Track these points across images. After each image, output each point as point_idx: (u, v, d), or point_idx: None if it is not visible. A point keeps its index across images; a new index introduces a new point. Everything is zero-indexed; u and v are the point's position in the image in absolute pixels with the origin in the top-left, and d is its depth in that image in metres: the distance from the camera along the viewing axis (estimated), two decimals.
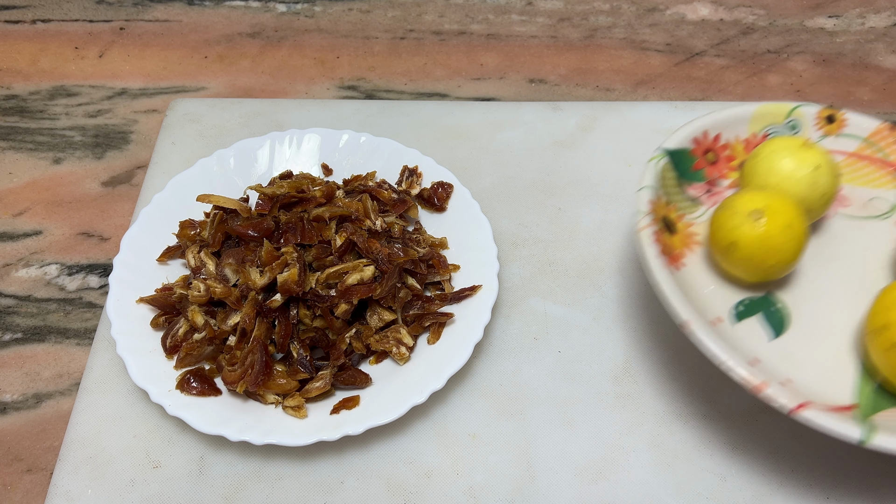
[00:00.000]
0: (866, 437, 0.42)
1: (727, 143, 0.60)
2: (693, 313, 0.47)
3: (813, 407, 0.43)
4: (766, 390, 0.44)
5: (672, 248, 0.53)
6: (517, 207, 0.65)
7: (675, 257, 0.53)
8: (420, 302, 0.56)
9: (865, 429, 0.42)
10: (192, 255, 0.57)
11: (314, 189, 0.59)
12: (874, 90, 0.77)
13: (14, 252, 0.65)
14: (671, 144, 0.57)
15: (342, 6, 0.85)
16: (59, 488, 0.51)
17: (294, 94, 0.77)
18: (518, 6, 0.85)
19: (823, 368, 0.49)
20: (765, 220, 0.50)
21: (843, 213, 0.59)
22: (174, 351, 0.54)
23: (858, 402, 0.47)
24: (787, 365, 0.49)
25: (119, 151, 0.72)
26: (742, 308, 0.53)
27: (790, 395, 0.44)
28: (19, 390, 0.57)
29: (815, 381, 0.48)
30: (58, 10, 0.85)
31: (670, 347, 0.57)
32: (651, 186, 0.54)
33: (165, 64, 0.80)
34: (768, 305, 0.53)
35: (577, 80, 0.78)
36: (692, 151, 0.58)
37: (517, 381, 0.56)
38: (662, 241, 0.52)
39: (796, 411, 0.43)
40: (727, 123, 0.60)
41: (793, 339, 0.51)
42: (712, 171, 0.59)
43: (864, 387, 0.48)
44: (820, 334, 0.52)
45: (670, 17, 0.84)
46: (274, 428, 0.50)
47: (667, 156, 0.56)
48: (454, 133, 0.71)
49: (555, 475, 0.51)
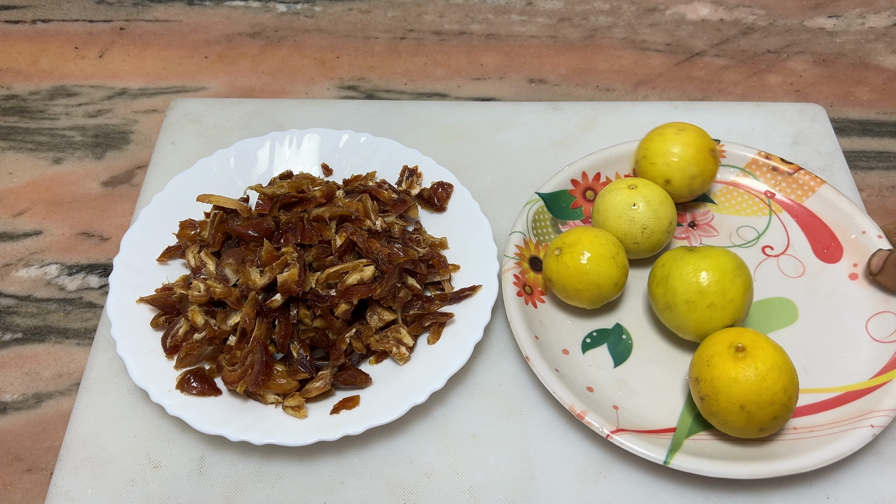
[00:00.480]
0: (667, 459, 0.48)
1: (608, 179, 0.64)
2: (534, 350, 0.53)
3: (624, 433, 0.49)
4: (587, 417, 0.50)
5: (535, 286, 0.59)
6: (517, 207, 0.65)
7: (538, 293, 0.59)
8: (420, 302, 0.56)
9: (669, 452, 0.48)
10: (192, 255, 0.57)
11: (314, 189, 0.59)
12: (874, 90, 0.77)
13: (14, 252, 0.65)
14: (547, 189, 0.63)
15: (342, 6, 0.85)
16: (59, 488, 0.51)
17: (294, 94, 0.77)
18: (518, 6, 0.85)
19: (653, 395, 0.54)
20: (560, 254, 0.55)
21: (708, 242, 0.62)
22: (174, 351, 0.54)
23: (677, 426, 0.52)
24: (621, 391, 0.54)
25: (119, 151, 0.72)
26: (590, 340, 0.57)
27: (605, 422, 0.50)
28: (19, 390, 0.57)
29: (644, 405, 0.53)
30: (58, 10, 0.85)
31: None
32: (521, 231, 0.60)
33: (165, 64, 0.80)
34: (615, 336, 0.57)
35: (577, 80, 0.78)
36: (570, 192, 0.64)
37: (517, 381, 0.56)
38: (526, 281, 0.58)
39: (610, 436, 0.49)
40: (607, 163, 0.64)
41: (631, 368, 0.55)
42: (589, 206, 0.64)
43: (687, 413, 0.53)
44: (657, 363, 0.56)
45: (670, 17, 0.84)
46: (274, 428, 0.50)
47: (541, 200, 0.62)
48: (454, 133, 0.71)
49: (555, 475, 0.51)
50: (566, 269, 0.54)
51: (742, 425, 0.48)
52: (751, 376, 0.47)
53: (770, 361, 0.47)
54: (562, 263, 0.55)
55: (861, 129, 0.74)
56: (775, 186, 0.64)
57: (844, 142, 0.73)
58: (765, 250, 0.61)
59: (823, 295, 0.58)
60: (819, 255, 0.60)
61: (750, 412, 0.47)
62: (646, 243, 0.57)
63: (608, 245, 0.55)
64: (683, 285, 0.52)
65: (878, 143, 0.73)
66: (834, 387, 0.53)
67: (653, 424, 0.52)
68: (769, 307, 0.58)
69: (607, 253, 0.54)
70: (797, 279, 0.59)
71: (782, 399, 0.47)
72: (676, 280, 0.52)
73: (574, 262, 0.54)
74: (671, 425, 0.52)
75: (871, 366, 0.54)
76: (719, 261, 0.52)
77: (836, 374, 0.54)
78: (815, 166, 0.68)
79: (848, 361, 0.55)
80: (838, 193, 0.61)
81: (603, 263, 0.54)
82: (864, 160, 0.72)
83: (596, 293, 0.55)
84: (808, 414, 0.52)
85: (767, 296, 0.58)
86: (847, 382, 0.53)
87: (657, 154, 0.60)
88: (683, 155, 0.59)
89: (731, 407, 0.47)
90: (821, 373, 0.54)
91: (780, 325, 0.57)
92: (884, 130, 0.74)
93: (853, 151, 0.72)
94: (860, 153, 0.72)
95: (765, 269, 0.60)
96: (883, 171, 0.71)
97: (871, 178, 0.70)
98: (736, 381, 0.47)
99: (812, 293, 0.58)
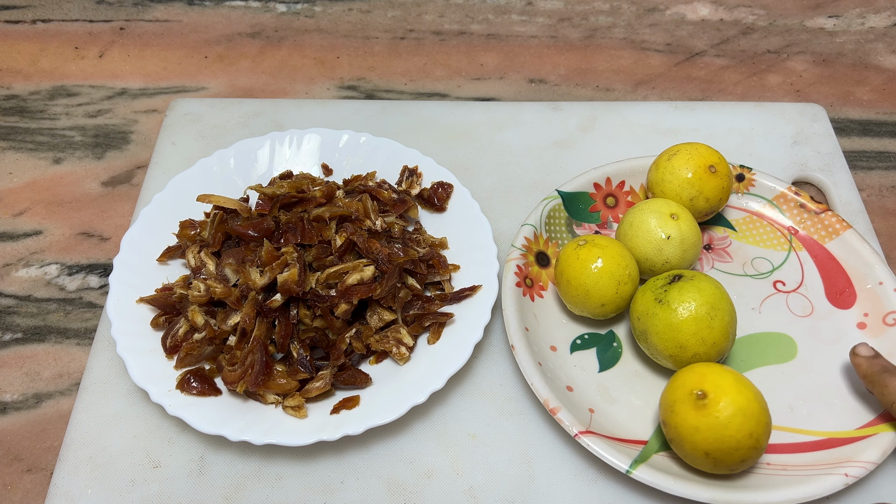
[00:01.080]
0: (631, 468, 0.48)
1: (631, 189, 0.64)
2: (522, 340, 0.53)
3: (593, 436, 0.50)
4: (558, 414, 0.50)
5: (538, 280, 0.59)
6: (517, 207, 0.65)
7: (539, 287, 0.59)
8: (420, 302, 0.56)
9: (634, 462, 0.49)
10: (192, 255, 0.57)
11: (314, 189, 0.59)
12: (874, 90, 0.77)
13: (14, 252, 0.65)
14: (568, 188, 0.63)
15: (342, 6, 0.85)
16: (59, 488, 0.51)
17: (294, 94, 0.77)
18: (518, 6, 0.85)
19: (632, 406, 0.54)
20: (585, 245, 0.54)
21: (721, 268, 0.61)
22: (174, 351, 0.54)
23: (649, 440, 0.52)
24: (601, 396, 0.54)
25: (119, 151, 0.72)
26: (580, 341, 0.57)
27: (576, 421, 0.50)
28: (19, 390, 0.57)
29: (621, 414, 0.53)
30: (58, 10, 0.85)
31: None
32: (532, 225, 0.60)
33: (165, 64, 0.80)
34: (606, 343, 0.57)
35: (577, 80, 0.78)
36: (591, 195, 0.63)
37: (517, 381, 0.56)
38: (528, 273, 0.58)
39: (578, 436, 0.49)
40: (633, 172, 0.64)
41: (615, 376, 0.55)
42: (608, 213, 0.64)
43: (661, 430, 0.51)
44: (642, 377, 0.55)
45: (670, 17, 0.84)
46: (274, 428, 0.50)
47: (559, 197, 0.62)
48: (454, 133, 0.71)
49: (555, 475, 0.51)
50: (581, 266, 0.54)
51: (710, 468, 0.48)
52: (713, 424, 0.46)
53: (733, 408, 0.46)
54: (585, 264, 0.54)
55: (861, 129, 0.74)
56: (800, 223, 0.62)
57: (844, 142, 0.73)
58: (776, 285, 0.60)
59: (827, 338, 0.57)
60: (831, 298, 0.59)
61: (716, 458, 0.46)
62: (659, 270, 0.56)
63: (633, 269, 0.55)
64: (663, 343, 0.51)
65: (878, 143, 0.73)
66: (817, 430, 0.52)
67: (625, 434, 0.52)
68: (768, 341, 0.57)
69: (627, 276, 0.54)
70: (803, 318, 0.58)
71: (748, 443, 0.46)
72: (654, 338, 0.52)
73: (591, 263, 0.54)
74: (643, 438, 0.52)
75: (859, 416, 0.52)
76: (694, 306, 0.50)
77: (823, 419, 0.53)
78: (815, 166, 0.68)
79: (837, 408, 0.53)
80: (862, 240, 0.59)
81: (620, 284, 0.54)
82: (864, 160, 0.72)
83: (597, 304, 0.54)
84: (784, 452, 0.51)
85: (769, 329, 0.57)
86: (832, 428, 0.52)
87: (655, 184, 0.60)
88: (676, 181, 0.58)
89: (697, 454, 0.47)
90: (807, 414, 0.53)
91: (776, 360, 0.56)
92: (884, 130, 0.74)
93: (853, 151, 0.72)
94: (860, 153, 0.72)
95: (772, 302, 0.59)
96: (883, 171, 0.71)
97: (871, 178, 0.70)
98: (698, 429, 0.46)
99: (815, 334, 0.57)
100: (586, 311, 0.55)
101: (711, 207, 0.59)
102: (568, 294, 0.55)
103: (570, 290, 0.55)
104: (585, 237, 0.56)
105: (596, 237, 0.56)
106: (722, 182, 0.59)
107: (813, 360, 0.56)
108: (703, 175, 0.58)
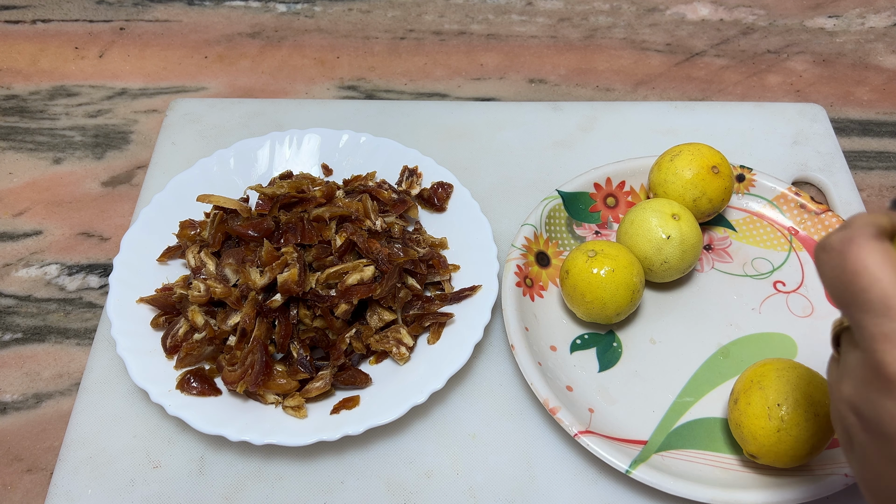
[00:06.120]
0: (630, 468, 0.49)
1: (632, 189, 0.64)
2: (521, 340, 0.54)
3: (592, 436, 0.50)
4: (558, 414, 0.50)
5: (538, 280, 0.59)
6: (517, 207, 0.65)
7: (539, 287, 0.59)
8: (420, 302, 0.56)
9: (634, 462, 0.49)
10: (192, 255, 0.57)
11: (314, 189, 0.59)
12: (874, 90, 0.77)
13: (14, 252, 0.65)
14: (568, 188, 0.63)
15: (342, 6, 0.85)
16: (59, 488, 0.51)
17: (294, 94, 0.77)
18: (518, 6, 0.85)
19: (632, 406, 0.54)
20: (595, 257, 0.54)
21: (721, 268, 0.61)
22: (174, 351, 0.54)
23: (648, 440, 0.52)
24: (601, 396, 0.54)
25: (119, 151, 0.72)
26: (580, 341, 0.57)
27: (576, 421, 0.50)
28: (19, 390, 0.57)
29: (621, 414, 0.53)
30: (58, 10, 0.85)
31: None
32: (532, 225, 0.60)
33: (165, 64, 0.80)
34: (606, 343, 0.57)
35: (577, 80, 0.78)
36: (591, 195, 0.63)
37: (517, 381, 0.56)
38: (528, 273, 0.59)
39: (578, 436, 0.50)
40: (634, 173, 0.64)
41: (615, 376, 0.55)
42: (608, 213, 0.64)
43: (662, 430, 0.52)
44: (642, 377, 0.55)
45: (670, 17, 0.84)
46: (274, 428, 0.50)
47: (560, 197, 0.62)
48: (454, 133, 0.71)
49: (555, 475, 0.51)
50: (597, 280, 0.54)
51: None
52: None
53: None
54: (588, 266, 0.54)
55: (861, 129, 0.74)
56: (800, 224, 0.62)
57: (844, 142, 0.73)
58: (776, 285, 0.60)
59: (827, 339, 0.55)
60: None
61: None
62: (657, 272, 0.57)
63: (635, 270, 0.55)
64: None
65: (878, 143, 0.73)
66: None
67: (625, 434, 0.52)
68: (768, 341, 0.57)
69: (630, 277, 0.54)
70: (804, 318, 0.58)
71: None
72: None
73: (601, 278, 0.54)
74: (643, 438, 0.52)
75: None
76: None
77: None
78: (815, 166, 0.68)
79: None
80: None
81: (624, 285, 0.54)
82: (864, 160, 0.72)
83: (601, 306, 0.54)
84: None
85: (769, 330, 0.57)
86: None
87: (657, 185, 0.60)
88: (679, 182, 0.58)
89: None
90: None
91: None
92: (884, 130, 0.74)
93: (853, 151, 0.72)
94: (860, 153, 0.72)
95: (772, 303, 0.59)
96: (883, 171, 0.71)
97: (871, 178, 0.70)
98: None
99: (816, 334, 0.57)
100: (600, 319, 0.55)
101: (714, 208, 0.59)
102: (582, 306, 0.55)
103: (585, 302, 0.54)
104: (592, 247, 0.55)
105: (603, 246, 0.55)
106: (724, 182, 0.59)
107: (813, 361, 0.56)
108: (706, 176, 0.58)
